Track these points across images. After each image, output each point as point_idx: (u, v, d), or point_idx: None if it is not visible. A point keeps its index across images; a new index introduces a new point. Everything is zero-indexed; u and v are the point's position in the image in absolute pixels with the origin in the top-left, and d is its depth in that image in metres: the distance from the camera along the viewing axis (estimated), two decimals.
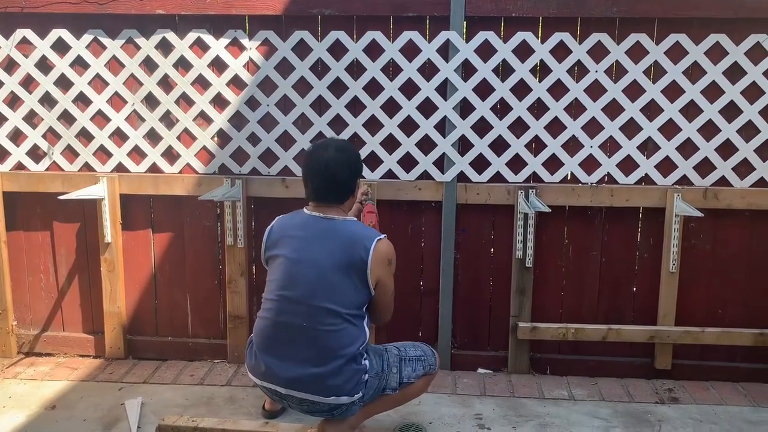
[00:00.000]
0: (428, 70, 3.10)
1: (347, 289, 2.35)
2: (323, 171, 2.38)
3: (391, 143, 3.16)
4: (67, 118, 3.26)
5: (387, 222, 3.19)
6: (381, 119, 3.13)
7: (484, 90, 3.08)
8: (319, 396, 2.36)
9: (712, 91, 3.03)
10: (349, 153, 2.44)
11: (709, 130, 3.07)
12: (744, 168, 3.09)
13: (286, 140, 3.21)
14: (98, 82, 3.23)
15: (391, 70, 3.13)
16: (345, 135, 3.15)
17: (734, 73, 3.01)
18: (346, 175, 2.41)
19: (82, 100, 3.24)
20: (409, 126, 3.13)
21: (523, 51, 3.04)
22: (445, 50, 3.06)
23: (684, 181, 3.12)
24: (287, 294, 2.37)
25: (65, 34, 3.17)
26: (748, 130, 3.06)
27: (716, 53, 3.00)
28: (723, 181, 3.10)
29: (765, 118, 3.03)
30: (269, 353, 2.41)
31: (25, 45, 3.20)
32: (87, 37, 3.17)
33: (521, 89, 3.08)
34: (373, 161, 3.18)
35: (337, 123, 3.16)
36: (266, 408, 2.84)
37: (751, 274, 3.20)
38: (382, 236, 2.42)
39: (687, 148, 3.09)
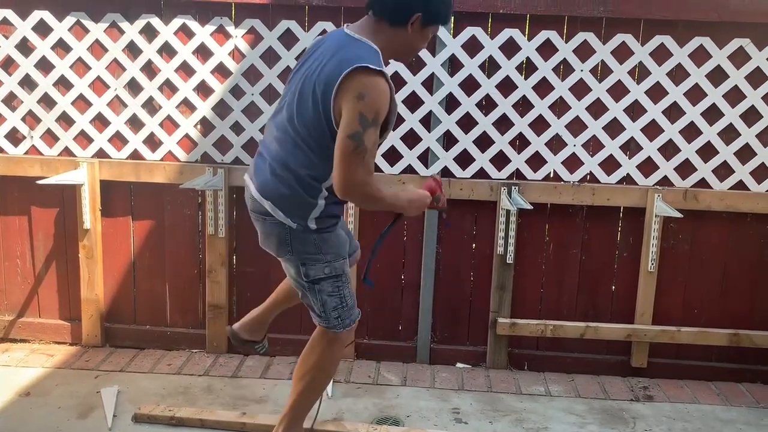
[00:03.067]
0: (415, 64, 3.09)
1: (312, 111, 2.08)
2: None
3: None
4: (47, 101, 3.21)
5: (370, 216, 3.18)
6: None
7: (470, 86, 3.08)
8: (258, 192, 2.20)
9: (695, 94, 3.06)
10: None
11: (690, 132, 3.10)
12: (724, 170, 3.13)
13: None
14: (80, 66, 3.18)
15: None
16: None
17: (717, 76, 3.04)
18: (390, 4, 2.07)
19: (64, 84, 3.19)
20: None
21: (510, 48, 3.04)
22: (432, 44, 3.06)
23: (665, 181, 3.15)
24: (279, 102, 2.24)
25: (47, 16, 3.11)
26: (729, 133, 3.09)
27: (700, 56, 3.03)
28: (703, 183, 3.14)
29: (745, 121, 3.07)
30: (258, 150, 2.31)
31: (5, 26, 3.14)
32: (69, 20, 3.12)
33: (507, 86, 3.08)
34: None
35: None
36: (233, 327, 2.71)
37: (727, 275, 3.24)
38: (373, 66, 2.00)
39: (668, 150, 3.12)
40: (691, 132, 3.10)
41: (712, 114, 3.07)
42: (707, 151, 3.11)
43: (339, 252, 2.26)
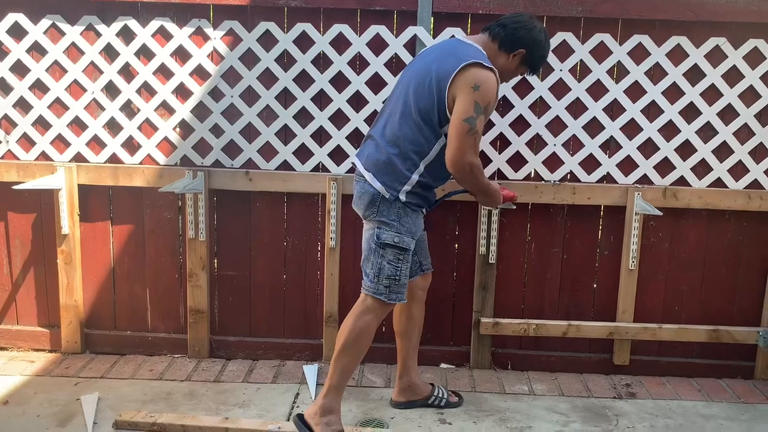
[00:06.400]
0: (395, 64, 3.09)
1: (427, 97, 2.43)
2: (509, 16, 2.57)
3: (357, 138, 3.14)
4: (23, 105, 3.17)
5: (353, 216, 3.17)
6: (347, 113, 3.12)
7: None
8: (362, 165, 2.56)
9: (673, 93, 3.09)
10: (528, 30, 2.50)
11: (669, 130, 3.13)
12: (702, 168, 3.16)
13: (250, 132, 3.17)
14: (56, 69, 3.14)
15: (358, 63, 3.11)
16: (310, 128, 3.13)
17: (694, 75, 3.07)
18: (509, 32, 2.50)
19: (40, 87, 3.15)
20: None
21: None
22: (413, 45, 3.06)
23: (644, 180, 3.17)
24: (390, 96, 2.63)
25: (22, 19, 3.07)
26: (707, 132, 3.12)
27: (677, 55, 3.06)
28: (682, 181, 3.17)
29: (722, 120, 3.10)
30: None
31: None
32: (45, 23, 3.08)
33: None
34: (340, 155, 3.16)
35: (303, 116, 3.14)
36: (392, 398, 2.96)
37: (706, 272, 3.27)
38: (486, 63, 2.39)
39: (648, 148, 3.15)
40: (669, 130, 3.13)
41: (690, 112, 3.11)
42: (686, 150, 3.14)
43: (411, 230, 2.56)
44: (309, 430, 2.52)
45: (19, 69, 3.13)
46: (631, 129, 3.13)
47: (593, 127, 3.13)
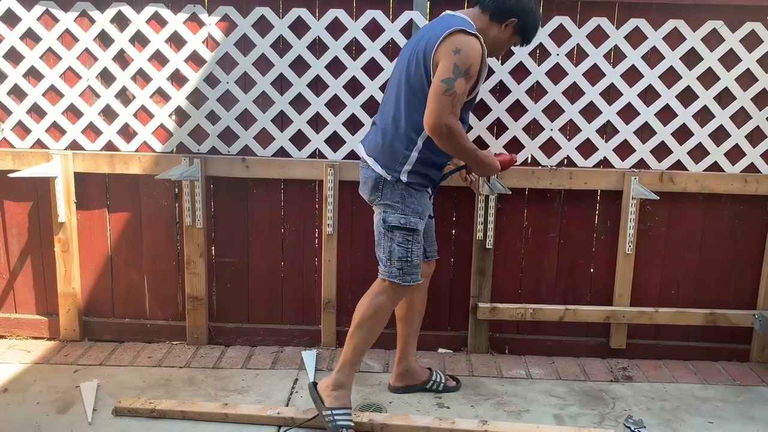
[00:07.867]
0: (392, 49, 3.08)
1: (415, 69, 2.43)
2: None
3: (353, 124, 3.13)
4: (17, 92, 3.15)
5: (350, 202, 3.18)
6: (344, 99, 3.11)
7: None
8: (365, 151, 2.58)
9: (670, 76, 3.08)
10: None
11: (666, 114, 3.12)
12: (699, 152, 3.16)
13: (246, 119, 3.16)
14: (51, 56, 3.12)
15: (354, 49, 3.10)
16: (307, 115, 3.12)
17: (691, 58, 3.06)
18: (499, 2, 2.45)
19: (34, 75, 3.13)
20: (372, 106, 3.10)
21: None
22: (409, 30, 3.04)
23: (641, 164, 3.17)
24: (392, 75, 2.63)
25: (15, 5, 3.05)
26: (703, 116, 3.12)
27: (674, 39, 3.05)
28: (679, 165, 3.17)
29: (719, 103, 3.10)
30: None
31: None
32: (38, 9, 3.06)
33: None
34: (337, 142, 3.15)
35: (299, 102, 3.12)
36: (390, 383, 2.98)
37: (703, 256, 3.28)
38: (473, 31, 2.36)
39: (644, 132, 3.15)
40: (666, 114, 3.12)
41: (687, 96, 3.10)
42: (682, 134, 3.14)
43: (417, 210, 2.54)
44: (320, 399, 2.59)
45: (13, 56, 3.11)
46: (628, 113, 3.12)
47: (590, 112, 3.12)
